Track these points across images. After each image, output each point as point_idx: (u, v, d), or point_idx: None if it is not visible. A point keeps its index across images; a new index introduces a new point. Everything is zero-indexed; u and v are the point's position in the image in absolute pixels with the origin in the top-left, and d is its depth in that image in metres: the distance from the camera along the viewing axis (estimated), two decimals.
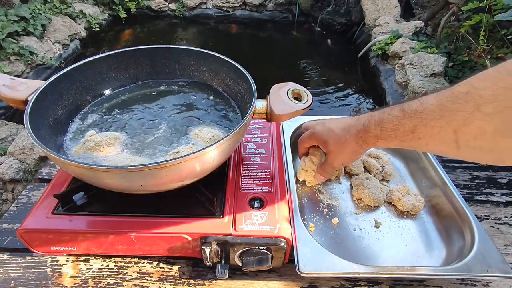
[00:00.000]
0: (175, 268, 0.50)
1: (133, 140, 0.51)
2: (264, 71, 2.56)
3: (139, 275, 0.49)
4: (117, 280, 0.48)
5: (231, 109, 0.58)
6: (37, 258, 0.50)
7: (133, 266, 0.50)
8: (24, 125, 0.41)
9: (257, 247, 0.44)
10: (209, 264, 0.46)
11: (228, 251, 0.45)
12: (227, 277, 0.47)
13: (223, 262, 0.47)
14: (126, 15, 3.53)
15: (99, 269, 0.49)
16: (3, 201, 1.48)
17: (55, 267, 0.49)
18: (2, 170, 1.46)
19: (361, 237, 0.52)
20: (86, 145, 0.48)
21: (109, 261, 0.50)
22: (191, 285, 0.48)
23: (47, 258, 0.51)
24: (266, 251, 0.44)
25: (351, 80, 2.69)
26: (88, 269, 0.49)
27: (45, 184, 0.64)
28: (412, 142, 0.39)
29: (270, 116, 0.48)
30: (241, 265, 0.45)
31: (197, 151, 0.37)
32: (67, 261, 0.50)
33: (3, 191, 1.50)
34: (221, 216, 0.46)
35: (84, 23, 3.09)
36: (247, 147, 0.59)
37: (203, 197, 0.48)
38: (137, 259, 0.51)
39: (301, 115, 0.50)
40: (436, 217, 0.56)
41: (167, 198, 0.47)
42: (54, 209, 0.46)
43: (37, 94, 0.46)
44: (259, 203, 0.49)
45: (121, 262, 0.50)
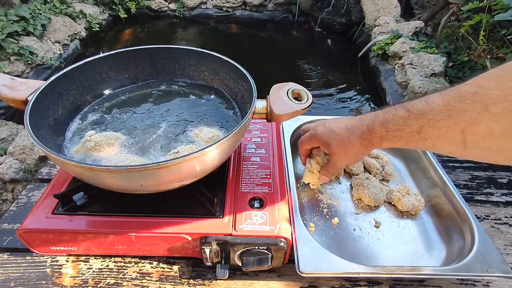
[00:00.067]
0: (175, 268, 0.50)
1: (133, 140, 0.51)
2: (264, 71, 2.56)
3: (139, 275, 0.49)
4: (117, 280, 0.48)
5: (231, 109, 0.58)
6: (37, 258, 0.50)
7: (133, 266, 0.50)
8: (24, 125, 0.41)
9: (257, 247, 0.44)
10: (209, 264, 0.46)
11: (228, 251, 0.45)
12: (227, 277, 0.47)
13: (223, 262, 0.47)
14: (126, 15, 3.53)
15: (99, 269, 0.49)
16: (3, 201, 1.48)
17: (55, 267, 0.49)
18: (2, 170, 1.46)
19: (361, 237, 0.52)
20: (86, 145, 0.48)
21: (109, 261, 0.50)
22: (191, 285, 0.48)
23: (47, 258, 0.51)
24: (266, 251, 0.44)
25: (351, 80, 2.69)
26: (88, 269, 0.49)
27: (45, 184, 0.64)
28: (418, 142, 0.38)
29: (270, 116, 0.48)
30: (241, 265, 0.45)
31: (197, 151, 0.37)
32: (67, 261, 0.50)
33: (3, 191, 1.50)
34: (221, 216, 0.46)
35: (84, 23, 3.09)
36: (247, 147, 0.59)
37: (203, 197, 0.48)
38: (137, 259, 0.51)
39: (301, 115, 0.50)
40: (436, 217, 0.56)
41: (167, 198, 0.47)
42: (54, 209, 0.46)
43: (37, 94, 0.46)
44: (259, 203, 0.49)
45: (121, 262, 0.50)
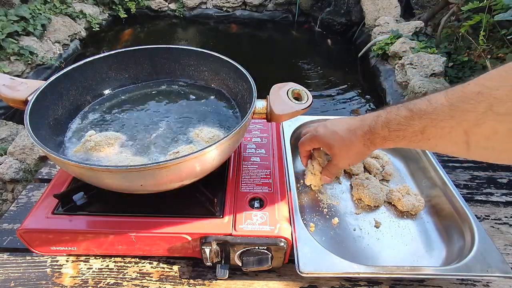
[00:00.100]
0: (175, 268, 0.50)
1: (133, 140, 0.51)
2: (264, 71, 2.56)
3: (139, 275, 0.49)
4: (117, 280, 0.48)
5: (231, 109, 0.58)
6: (37, 258, 0.50)
7: (133, 266, 0.50)
8: (24, 125, 0.41)
9: (257, 247, 0.44)
10: (209, 264, 0.46)
11: (228, 251, 0.45)
12: (227, 277, 0.47)
13: (223, 262, 0.47)
14: (126, 15, 3.53)
15: (99, 269, 0.49)
16: (3, 201, 1.48)
17: (55, 267, 0.49)
18: (2, 170, 1.46)
19: (361, 237, 0.52)
20: (86, 145, 0.48)
21: (109, 261, 0.50)
22: (191, 285, 0.48)
23: (47, 258, 0.51)
24: (266, 251, 0.44)
25: (351, 80, 2.69)
26: (88, 269, 0.49)
27: (45, 184, 0.64)
28: (421, 142, 0.38)
29: (270, 116, 0.48)
30: (241, 265, 0.45)
31: (197, 151, 0.37)
32: (67, 261, 0.50)
33: (3, 191, 1.50)
34: (221, 216, 0.46)
35: (84, 23, 3.09)
36: (247, 147, 0.59)
37: (203, 197, 0.48)
38: (137, 259, 0.51)
39: (301, 115, 0.50)
40: (436, 217, 0.56)
41: (167, 198, 0.47)
42: (54, 209, 0.46)
43: (37, 94, 0.46)
44: (259, 203, 0.49)
45: (121, 262, 0.50)
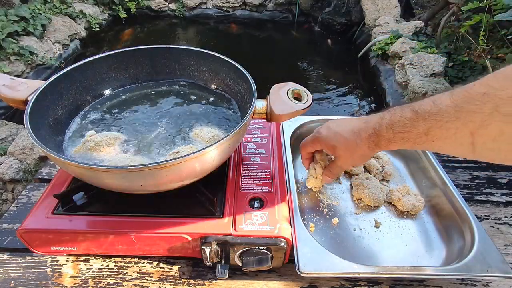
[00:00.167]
0: (175, 268, 0.50)
1: (133, 140, 0.51)
2: (264, 71, 2.56)
3: (139, 275, 0.49)
4: (117, 280, 0.48)
5: (231, 109, 0.58)
6: (37, 258, 0.50)
7: (133, 266, 0.50)
8: (24, 125, 0.41)
9: (257, 247, 0.44)
10: (209, 264, 0.46)
11: (228, 251, 0.45)
12: (227, 277, 0.47)
13: (223, 262, 0.47)
14: (126, 15, 3.53)
15: (99, 269, 0.49)
16: (3, 201, 1.48)
17: (55, 267, 0.49)
18: (2, 170, 1.46)
19: (361, 237, 0.52)
20: (86, 145, 0.48)
21: (109, 261, 0.50)
22: (191, 285, 0.48)
23: (47, 258, 0.51)
24: (266, 251, 0.44)
25: (351, 80, 2.70)
26: (88, 269, 0.49)
27: (45, 184, 0.64)
28: (425, 144, 0.38)
29: (270, 116, 0.48)
30: (241, 265, 0.45)
31: (197, 151, 0.37)
32: (67, 261, 0.50)
33: (3, 191, 1.50)
34: (221, 216, 0.46)
35: (84, 23, 3.09)
36: (247, 147, 0.59)
37: (203, 197, 0.48)
38: (137, 259, 0.51)
39: (301, 115, 0.50)
40: (436, 217, 0.56)
41: (167, 198, 0.47)
42: (54, 209, 0.46)
43: (37, 94, 0.46)
44: (259, 203, 0.49)
45: (121, 262, 0.50)
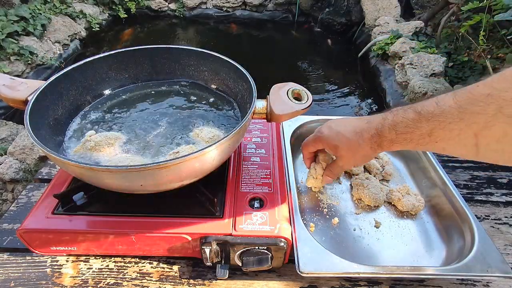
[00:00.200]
0: (175, 268, 0.50)
1: (133, 140, 0.51)
2: (264, 71, 2.56)
3: (139, 275, 0.49)
4: (117, 280, 0.48)
5: (231, 109, 0.58)
6: (37, 258, 0.50)
7: (133, 266, 0.50)
8: (24, 125, 0.41)
9: (257, 247, 0.44)
10: (209, 264, 0.46)
11: (228, 251, 0.45)
12: (227, 277, 0.47)
13: (223, 262, 0.47)
14: (126, 15, 3.53)
15: (99, 269, 0.49)
16: (3, 201, 1.48)
17: (55, 267, 0.49)
18: (2, 170, 1.46)
19: (361, 237, 0.52)
20: (86, 145, 0.48)
21: (109, 261, 0.50)
22: (191, 285, 0.48)
23: (47, 258, 0.51)
24: (266, 251, 0.44)
25: (351, 80, 2.69)
26: (88, 269, 0.49)
27: (45, 184, 0.64)
28: (428, 145, 0.38)
29: (270, 116, 0.48)
30: (241, 265, 0.45)
31: (197, 151, 0.37)
32: (67, 261, 0.50)
33: (3, 191, 1.50)
34: (221, 216, 0.46)
35: (84, 23, 3.09)
36: (247, 147, 0.59)
37: (203, 197, 0.48)
38: (137, 259, 0.51)
39: (301, 115, 0.50)
40: (436, 217, 0.56)
41: (167, 198, 0.47)
42: (54, 209, 0.46)
43: (37, 94, 0.46)
44: (259, 203, 0.49)
45: (121, 262, 0.50)
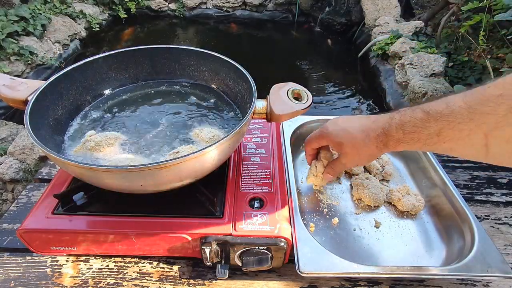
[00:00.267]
0: (175, 268, 0.50)
1: (133, 140, 0.51)
2: (264, 71, 2.56)
3: (139, 275, 0.49)
4: (117, 280, 0.48)
5: (231, 109, 0.58)
6: (37, 258, 0.50)
7: (133, 266, 0.50)
8: (24, 125, 0.41)
9: (257, 247, 0.44)
10: (209, 264, 0.46)
11: (228, 251, 0.45)
12: (227, 277, 0.47)
13: (223, 262, 0.47)
14: (126, 15, 3.53)
15: (99, 269, 0.49)
16: (3, 201, 1.48)
17: (55, 267, 0.49)
18: (2, 170, 1.46)
19: (361, 237, 0.52)
20: (86, 145, 0.48)
21: (109, 261, 0.50)
22: (191, 285, 0.48)
23: (47, 258, 0.51)
24: (266, 251, 0.44)
25: (351, 80, 2.69)
26: (88, 269, 0.49)
27: (45, 184, 0.64)
28: (436, 145, 0.37)
29: (270, 116, 0.48)
30: (241, 265, 0.45)
31: (197, 151, 0.37)
32: (67, 261, 0.50)
33: (3, 191, 1.50)
34: (221, 216, 0.46)
35: (84, 23, 3.08)
36: (247, 147, 0.59)
37: (203, 197, 0.48)
38: (137, 259, 0.51)
39: (301, 115, 0.50)
40: (436, 217, 0.56)
41: (167, 198, 0.47)
42: (54, 209, 0.46)
43: (37, 94, 0.46)
44: (259, 203, 0.49)
45: (121, 262, 0.50)
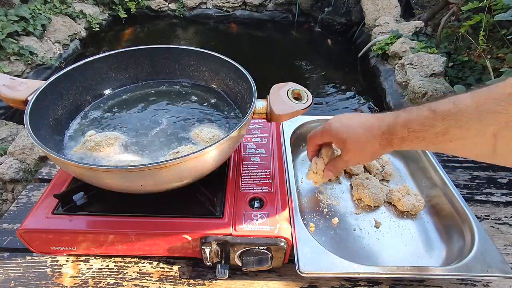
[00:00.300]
0: (175, 268, 0.50)
1: (133, 140, 0.51)
2: (264, 71, 2.56)
3: (139, 275, 0.49)
4: (117, 280, 0.48)
5: (231, 109, 0.58)
6: (37, 258, 0.50)
7: (133, 266, 0.50)
8: (24, 125, 0.41)
9: (257, 247, 0.44)
10: (209, 264, 0.46)
11: (228, 251, 0.45)
12: (227, 277, 0.47)
13: (223, 262, 0.47)
14: (126, 15, 3.53)
15: (99, 269, 0.49)
16: (3, 201, 1.48)
17: (55, 267, 0.49)
18: (2, 170, 1.46)
19: (361, 237, 0.52)
20: (86, 145, 0.48)
21: (109, 261, 0.50)
22: (191, 285, 0.48)
23: (47, 258, 0.51)
24: (266, 251, 0.44)
25: (351, 80, 2.69)
26: (88, 269, 0.49)
27: (45, 184, 0.64)
28: (441, 144, 0.37)
29: (270, 116, 0.48)
30: (241, 265, 0.45)
31: (197, 151, 0.37)
32: (67, 261, 0.50)
33: (3, 191, 1.50)
34: (221, 216, 0.46)
35: (84, 23, 3.08)
36: (247, 147, 0.59)
37: (203, 197, 0.48)
38: (137, 259, 0.51)
39: (301, 115, 0.50)
40: (436, 217, 0.56)
41: (167, 198, 0.47)
42: (54, 209, 0.46)
43: (37, 94, 0.46)
44: (259, 203, 0.49)
45: (121, 262, 0.50)
